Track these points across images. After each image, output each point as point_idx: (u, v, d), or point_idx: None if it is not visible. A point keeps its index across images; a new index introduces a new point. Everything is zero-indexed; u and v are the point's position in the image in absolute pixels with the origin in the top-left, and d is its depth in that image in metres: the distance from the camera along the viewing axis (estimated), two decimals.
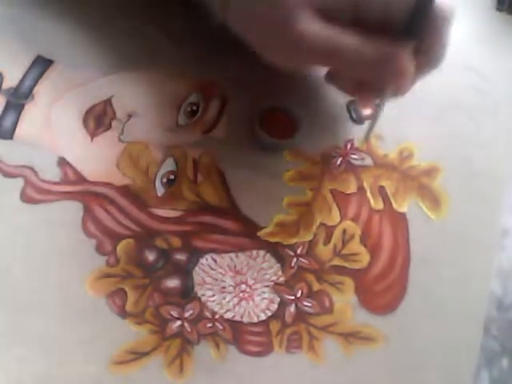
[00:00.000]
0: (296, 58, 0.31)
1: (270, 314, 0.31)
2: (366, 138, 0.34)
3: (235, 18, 0.32)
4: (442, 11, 0.29)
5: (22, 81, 0.35)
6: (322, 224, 0.33)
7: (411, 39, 0.29)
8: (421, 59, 0.30)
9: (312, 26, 0.29)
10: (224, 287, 0.31)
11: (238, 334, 0.30)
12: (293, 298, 0.31)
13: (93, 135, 0.34)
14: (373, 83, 0.32)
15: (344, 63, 0.30)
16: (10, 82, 0.35)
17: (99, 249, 0.31)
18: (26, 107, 0.34)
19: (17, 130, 0.34)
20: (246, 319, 0.31)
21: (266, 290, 0.32)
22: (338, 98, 0.36)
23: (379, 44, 0.29)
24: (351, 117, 0.37)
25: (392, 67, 0.29)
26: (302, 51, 0.30)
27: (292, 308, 0.31)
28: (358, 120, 0.36)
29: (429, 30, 0.29)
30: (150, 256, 0.32)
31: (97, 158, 0.34)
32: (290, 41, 0.29)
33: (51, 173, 0.33)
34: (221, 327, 0.30)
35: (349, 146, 0.35)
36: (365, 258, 0.33)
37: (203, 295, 0.31)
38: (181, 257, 0.32)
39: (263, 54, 0.31)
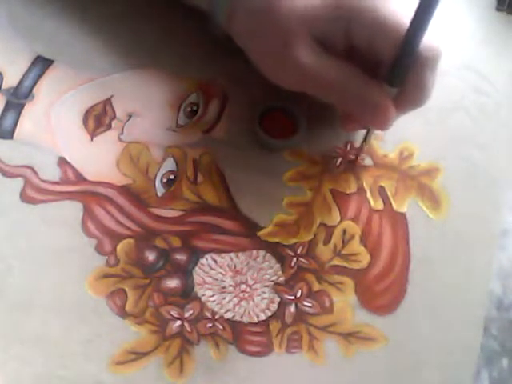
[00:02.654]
0: (291, 82, 0.31)
1: (269, 313, 0.31)
2: (365, 144, 0.34)
3: (239, 33, 0.32)
4: (426, 57, 0.28)
5: (21, 80, 0.35)
6: (321, 224, 0.33)
7: (394, 84, 0.29)
8: (403, 100, 0.30)
9: (307, 55, 0.29)
10: (224, 287, 0.31)
11: (237, 334, 0.30)
12: (293, 297, 0.31)
13: (93, 135, 0.34)
14: (357, 117, 0.32)
15: (330, 96, 0.31)
16: (10, 81, 0.35)
17: (99, 249, 0.31)
18: (26, 107, 0.34)
19: (17, 129, 0.34)
20: (245, 319, 0.31)
21: (266, 289, 0.32)
22: None
23: (363, 84, 0.29)
24: None
25: (371, 108, 0.29)
26: (296, 77, 0.30)
27: (292, 308, 0.31)
28: None
29: (412, 75, 0.29)
30: (150, 256, 0.32)
31: (97, 158, 0.34)
32: (286, 66, 0.30)
33: (51, 173, 0.33)
34: (221, 327, 0.30)
35: (349, 146, 0.35)
36: (365, 258, 0.33)
37: (203, 295, 0.31)
38: (181, 257, 0.32)
39: (263, 73, 0.32)
